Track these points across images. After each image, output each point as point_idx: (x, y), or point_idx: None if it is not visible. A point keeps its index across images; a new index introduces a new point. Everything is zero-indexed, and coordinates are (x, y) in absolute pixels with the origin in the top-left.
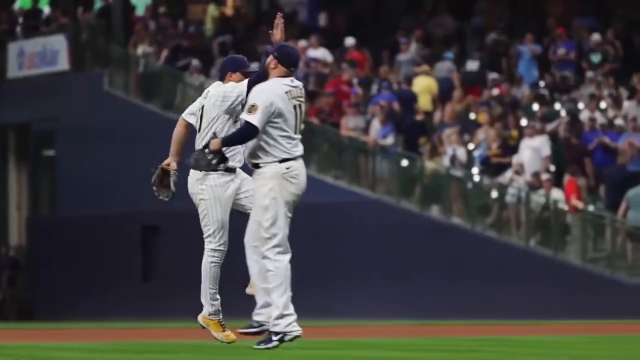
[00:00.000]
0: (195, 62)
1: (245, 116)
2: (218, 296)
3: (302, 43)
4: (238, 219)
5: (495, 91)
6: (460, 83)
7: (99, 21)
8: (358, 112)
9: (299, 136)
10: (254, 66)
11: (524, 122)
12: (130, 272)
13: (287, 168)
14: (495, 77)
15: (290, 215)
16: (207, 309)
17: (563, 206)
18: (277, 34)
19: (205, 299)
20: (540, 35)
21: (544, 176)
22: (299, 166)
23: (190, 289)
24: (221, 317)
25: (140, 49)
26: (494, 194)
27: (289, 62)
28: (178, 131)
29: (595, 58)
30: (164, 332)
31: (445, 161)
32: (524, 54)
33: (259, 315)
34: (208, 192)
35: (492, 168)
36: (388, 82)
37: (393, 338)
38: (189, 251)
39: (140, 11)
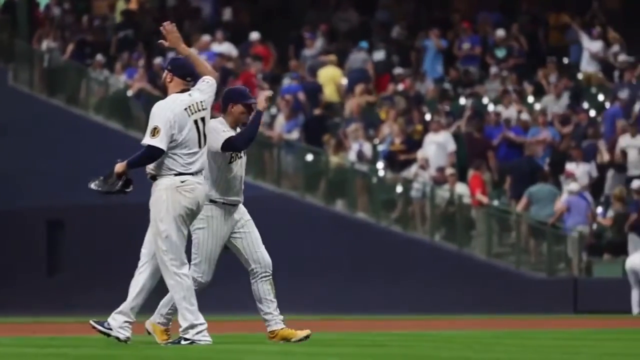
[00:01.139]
0: (99, 57)
1: (148, 140)
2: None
3: (205, 38)
4: None
5: (400, 86)
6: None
7: (3, 16)
8: None
9: (203, 149)
10: (255, 98)
11: (428, 117)
12: (35, 267)
13: (182, 182)
14: (400, 72)
15: (184, 229)
16: (158, 318)
17: (468, 201)
18: (168, 42)
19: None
20: (445, 29)
21: (449, 171)
22: (195, 181)
23: (96, 283)
24: (169, 327)
25: (45, 44)
26: (399, 189)
27: (184, 73)
28: None
29: (500, 53)
30: (69, 327)
31: (351, 156)
32: (429, 49)
33: (113, 320)
34: (204, 222)
35: (397, 163)
36: (298, 74)
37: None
38: (94, 245)
39: (44, 5)
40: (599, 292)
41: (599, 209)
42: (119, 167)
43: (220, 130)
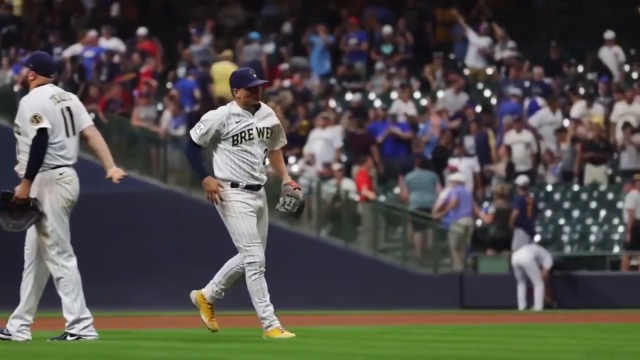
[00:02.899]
0: None
1: (35, 126)
2: (270, 305)
3: (92, 33)
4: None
5: (287, 82)
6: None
7: None
8: (149, 102)
9: (74, 138)
10: (259, 80)
11: (316, 112)
12: None
13: (60, 174)
14: (286, 68)
15: (67, 220)
16: (265, 323)
17: (354, 196)
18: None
19: (259, 313)
20: (332, 25)
21: (335, 166)
22: (72, 172)
23: None
24: (277, 321)
25: None
26: None
27: (46, 70)
28: None
29: (386, 49)
30: None
31: None
32: (317, 44)
33: (10, 325)
34: (228, 206)
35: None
36: (196, 70)
37: (185, 328)
38: None
39: None
40: (485, 287)
41: (486, 205)
42: (22, 190)
43: (201, 121)
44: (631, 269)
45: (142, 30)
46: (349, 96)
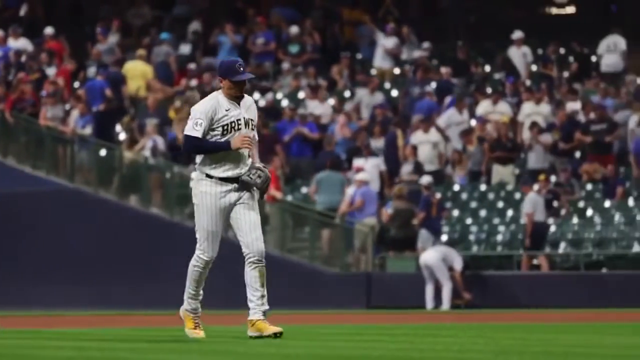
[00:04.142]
0: None
1: None
2: (199, 296)
3: None
4: None
5: (194, 81)
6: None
7: None
8: (57, 101)
9: None
10: (246, 75)
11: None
12: None
13: None
14: (193, 68)
15: None
16: (185, 304)
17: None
18: None
19: (185, 295)
20: (240, 24)
21: None
22: None
23: None
24: (198, 315)
25: None
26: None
27: None
28: None
29: (294, 48)
30: None
31: (147, 151)
32: (224, 44)
33: None
34: (198, 197)
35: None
36: (107, 70)
37: (91, 328)
38: None
39: None
40: (392, 287)
41: (389, 204)
42: None
43: (194, 117)
44: (532, 268)
45: (49, 30)
46: (256, 96)
